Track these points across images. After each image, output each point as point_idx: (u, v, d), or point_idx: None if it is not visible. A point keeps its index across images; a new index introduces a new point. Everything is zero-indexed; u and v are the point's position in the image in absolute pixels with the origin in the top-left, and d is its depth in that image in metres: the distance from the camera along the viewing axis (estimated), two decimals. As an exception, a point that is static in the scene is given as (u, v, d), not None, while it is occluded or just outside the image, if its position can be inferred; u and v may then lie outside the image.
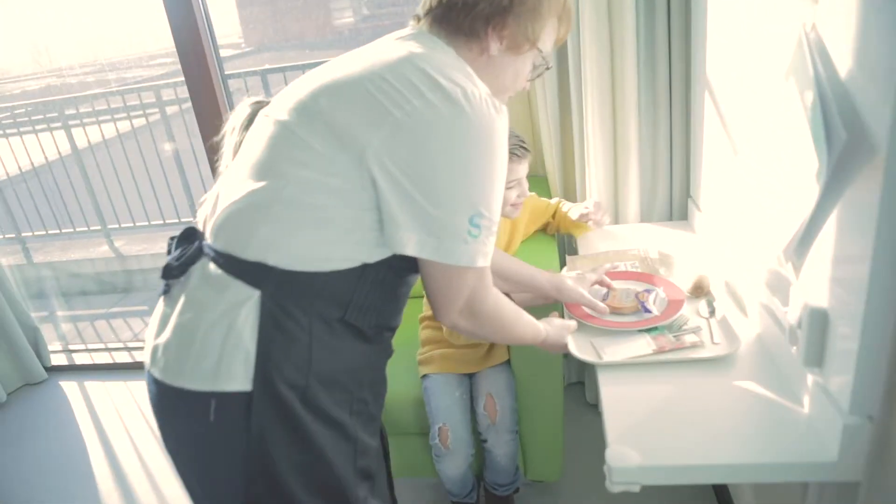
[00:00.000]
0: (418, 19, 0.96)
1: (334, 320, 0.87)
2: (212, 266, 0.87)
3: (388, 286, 0.92)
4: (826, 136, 0.78)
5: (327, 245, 0.84)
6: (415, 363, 1.73)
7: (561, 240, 1.98)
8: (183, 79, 2.32)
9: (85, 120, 4.22)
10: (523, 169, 1.52)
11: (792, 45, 0.90)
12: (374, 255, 0.87)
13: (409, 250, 0.82)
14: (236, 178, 0.90)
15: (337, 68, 0.88)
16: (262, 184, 0.85)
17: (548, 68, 1.00)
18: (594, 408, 2.18)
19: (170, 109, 4.06)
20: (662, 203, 1.80)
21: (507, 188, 1.50)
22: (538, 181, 2.11)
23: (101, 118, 4.22)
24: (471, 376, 1.67)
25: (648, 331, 1.23)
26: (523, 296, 1.46)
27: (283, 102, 0.89)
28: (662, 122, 1.72)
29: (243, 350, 0.83)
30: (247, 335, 0.83)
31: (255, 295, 0.83)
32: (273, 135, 0.87)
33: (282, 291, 0.83)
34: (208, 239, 0.91)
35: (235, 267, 0.85)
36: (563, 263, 1.61)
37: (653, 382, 1.12)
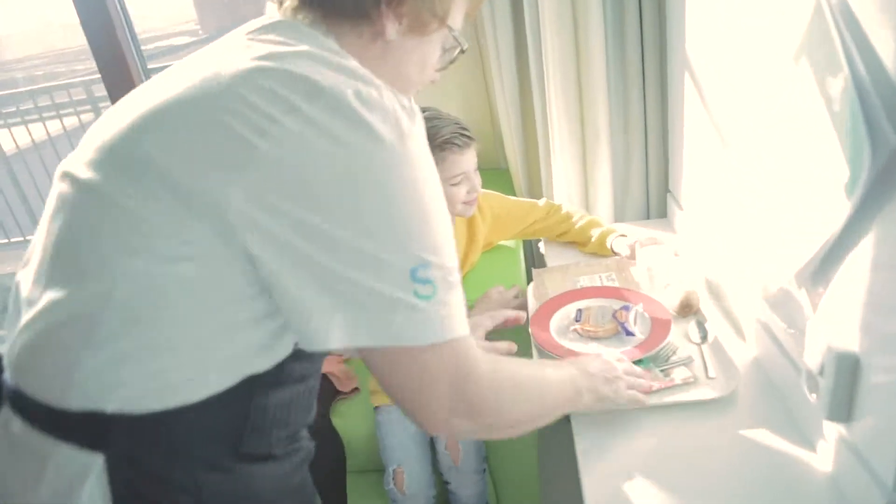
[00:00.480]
0: (280, 2, 0.67)
1: (227, 459, 0.62)
2: (17, 423, 0.60)
3: (291, 388, 0.67)
4: (868, 139, 0.58)
5: (190, 366, 0.58)
6: (367, 392, 1.52)
7: (528, 249, 1.77)
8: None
9: (10, 121, 3.88)
10: (468, 160, 1.29)
11: (805, 15, 0.70)
12: (263, 362, 0.61)
13: (336, 341, 0.56)
14: (35, 276, 0.61)
15: (166, 87, 0.60)
16: (72, 290, 0.58)
17: (462, 51, 0.76)
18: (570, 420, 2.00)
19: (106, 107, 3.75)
20: (638, 199, 1.60)
21: (453, 185, 1.28)
22: (499, 175, 1.90)
23: (27, 118, 3.89)
24: (430, 407, 1.46)
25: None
26: None
27: (89, 148, 0.61)
28: (635, 105, 1.51)
29: None
30: None
31: (96, 462, 0.57)
32: (79, 206, 0.59)
33: (139, 446, 0.58)
34: (6, 374, 0.63)
35: (57, 422, 0.58)
36: (529, 278, 1.41)
37: (638, 433, 0.92)
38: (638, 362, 1.03)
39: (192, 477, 0.60)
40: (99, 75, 2.03)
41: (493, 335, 1.32)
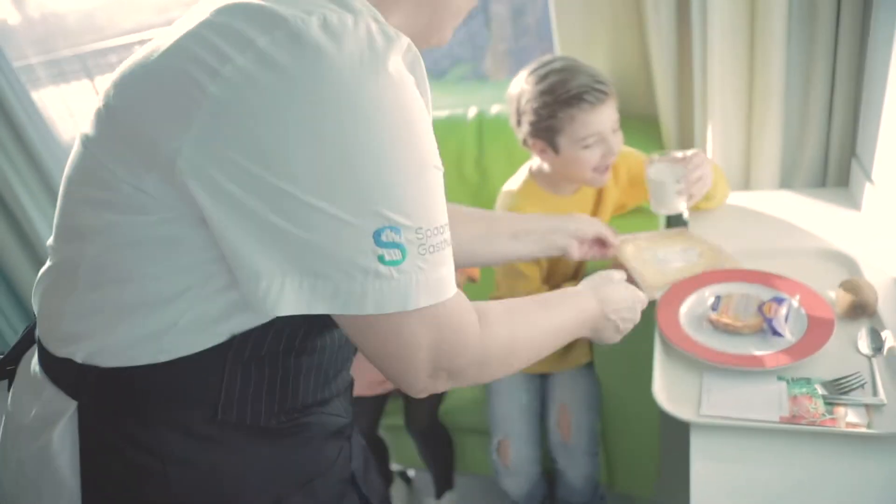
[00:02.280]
0: None
1: (200, 424, 0.59)
2: (35, 359, 0.64)
3: (287, 355, 0.62)
4: None
5: (161, 323, 0.56)
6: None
7: (674, 218, 1.55)
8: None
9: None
10: (604, 119, 1.12)
11: None
12: (246, 321, 0.58)
13: (287, 307, 0.51)
14: (53, 229, 0.64)
15: (163, 34, 0.57)
16: (62, 242, 0.60)
17: None
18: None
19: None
20: (813, 161, 1.32)
21: (584, 147, 1.13)
22: (648, 123, 1.68)
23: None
24: (544, 377, 1.37)
25: (787, 379, 0.85)
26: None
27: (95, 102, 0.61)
28: (822, 44, 1.22)
29: (66, 490, 0.58)
30: (65, 466, 0.58)
31: (70, 407, 0.58)
32: (75, 159, 0.60)
33: (106, 399, 0.58)
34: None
35: (48, 364, 0.61)
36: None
37: (771, 464, 0.76)
38: (797, 382, 0.84)
39: (157, 439, 0.58)
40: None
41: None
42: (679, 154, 1.15)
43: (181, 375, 0.57)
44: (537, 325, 0.71)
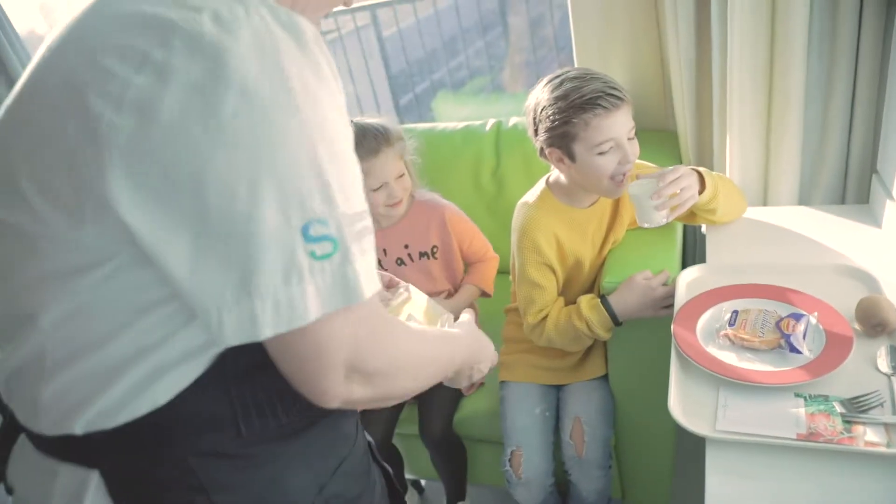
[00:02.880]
0: None
1: (229, 445, 0.58)
2: (28, 444, 0.62)
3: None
4: None
5: (148, 370, 0.53)
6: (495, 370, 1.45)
7: (689, 228, 1.55)
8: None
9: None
10: (619, 125, 1.11)
11: None
12: (209, 358, 0.56)
13: (233, 336, 0.49)
14: None
15: (34, 65, 0.55)
16: (13, 331, 0.57)
17: None
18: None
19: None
20: (832, 177, 1.31)
21: (601, 153, 1.11)
22: (666, 136, 1.69)
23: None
24: (559, 389, 1.37)
25: (805, 396, 0.85)
26: None
27: None
28: (842, 59, 1.22)
29: None
30: None
31: (92, 476, 0.57)
32: None
33: (126, 455, 0.57)
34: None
35: (48, 446, 0.59)
36: (685, 263, 1.22)
37: (789, 480, 0.76)
38: (815, 399, 0.84)
39: (194, 472, 0.57)
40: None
41: (637, 324, 1.18)
42: (660, 171, 1.15)
43: (190, 405, 0.56)
44: (436, 353, 0.72)
